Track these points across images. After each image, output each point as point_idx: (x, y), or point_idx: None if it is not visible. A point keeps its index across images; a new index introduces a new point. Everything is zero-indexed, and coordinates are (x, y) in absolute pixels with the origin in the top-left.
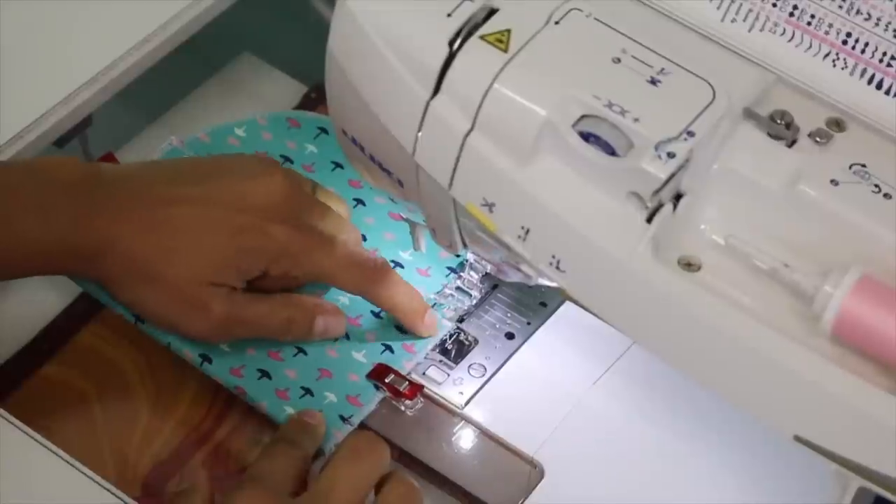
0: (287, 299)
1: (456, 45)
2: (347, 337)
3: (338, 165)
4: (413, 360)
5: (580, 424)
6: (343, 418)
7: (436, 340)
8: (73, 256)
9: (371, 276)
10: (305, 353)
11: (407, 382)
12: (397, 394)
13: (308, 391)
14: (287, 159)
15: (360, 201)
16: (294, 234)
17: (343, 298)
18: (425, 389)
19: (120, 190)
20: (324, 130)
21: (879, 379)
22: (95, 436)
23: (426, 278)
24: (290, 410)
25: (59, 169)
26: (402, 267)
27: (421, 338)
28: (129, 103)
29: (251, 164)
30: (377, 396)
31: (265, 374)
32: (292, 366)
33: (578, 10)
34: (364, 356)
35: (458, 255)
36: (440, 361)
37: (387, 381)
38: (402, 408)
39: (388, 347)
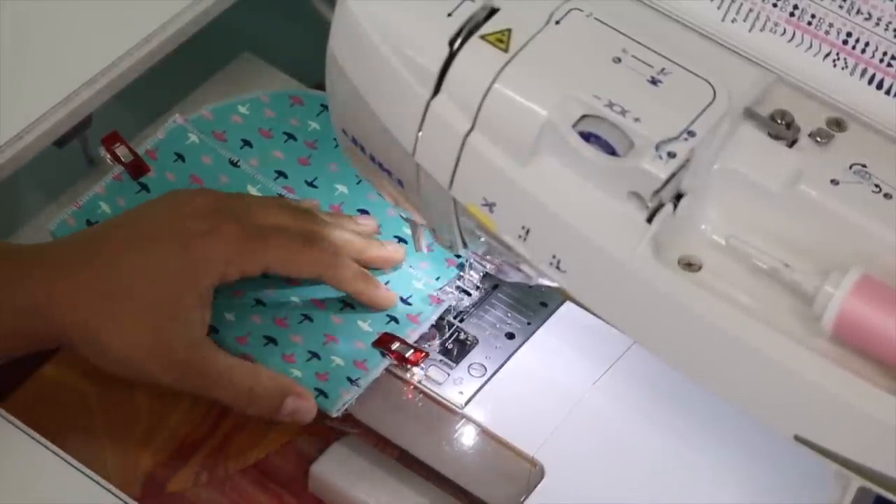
0: (256, 369)
1: (456, 45)
2: (352, 307)
3: None
4: (418, 330)
5: (580, 424)
6: (351, 380)
7: (442, 309)
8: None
9: (327, 261)
10: (311, 320)
11: (412, 349)
12: (403, 360)
13: (315, 355)
14: (290, 136)
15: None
16: (241, 231)
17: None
18: (425, 389)
19: (44, 252)
20: (326, 108)
21: (879, 379)
22: (95, 436)
23: (424, 270)
24: (297, 373)
25: None
26: (405, 241)
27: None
28: (129, 103)
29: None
30: (383, 363)
31: (271, 340)
32: (298, 332)
33: (579, 9)
34: (369, 325)
35: (458, 256)
36: (440, 361)
37: (393, 348)
38: (408, 375)
39: (393, 318)
